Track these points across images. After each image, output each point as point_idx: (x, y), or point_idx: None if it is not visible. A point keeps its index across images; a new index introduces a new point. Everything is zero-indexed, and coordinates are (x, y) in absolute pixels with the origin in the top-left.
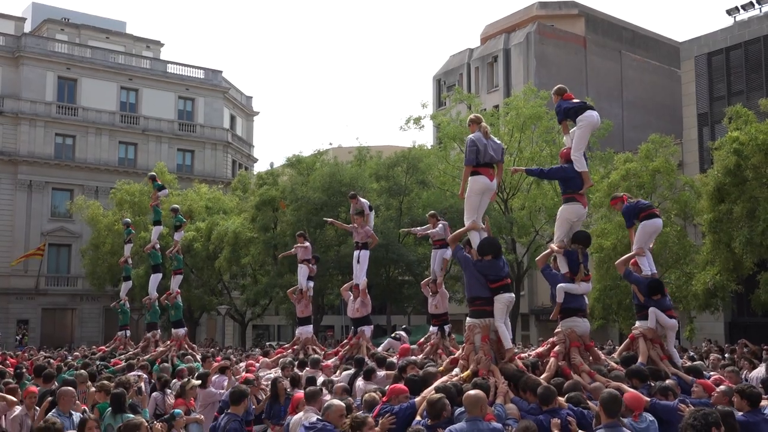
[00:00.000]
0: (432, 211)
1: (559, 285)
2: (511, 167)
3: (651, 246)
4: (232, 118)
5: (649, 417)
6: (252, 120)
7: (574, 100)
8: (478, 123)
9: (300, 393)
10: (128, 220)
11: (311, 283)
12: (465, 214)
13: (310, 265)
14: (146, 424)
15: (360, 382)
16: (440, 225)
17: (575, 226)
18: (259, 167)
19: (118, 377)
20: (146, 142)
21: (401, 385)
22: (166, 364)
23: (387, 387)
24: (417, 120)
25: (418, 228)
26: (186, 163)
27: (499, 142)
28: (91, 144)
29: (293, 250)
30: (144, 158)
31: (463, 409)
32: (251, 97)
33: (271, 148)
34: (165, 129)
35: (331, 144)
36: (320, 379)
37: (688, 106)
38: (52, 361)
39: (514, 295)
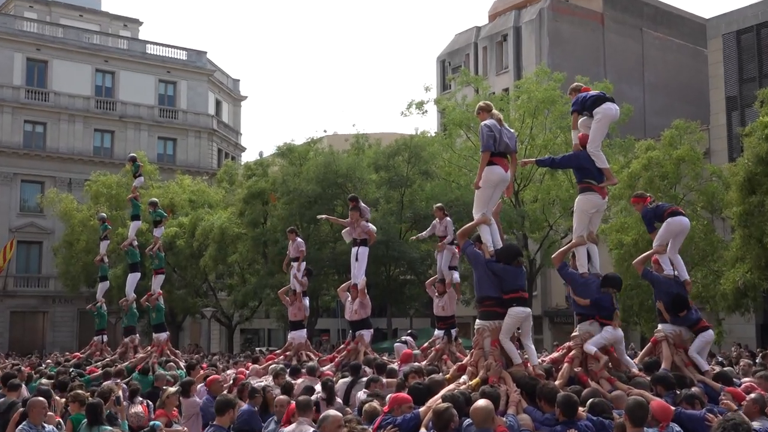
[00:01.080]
0: (439, 204)
1: (589, 347)
2: (520, 160)
3: (678, 248)
4: (218, 104)
5: (676, 428)
6: (239, 105)
7: (591, 92)
8: (488, 111)
9: (292, 403)
10: (104, 214)
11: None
12: (474, 207)
13: (302, 278)
14: None
15: (360, 393)
16: (446, 220)
17: (595, 219)
18: (248, 157)
19: (101, 386)
20: (124, 129)
21: (404, 394)
22: (161, 373)
23: (388, 396)
24: (420, 104)
25: (424, 232)
26: (167, 153)
27: (512, 131)
28: (63, 132)
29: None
30: (121, 147)
31: (471, 420)
32: (238, 80)
33: (261, 136)
34: (144, 115)
35: (325, 131)
36: (317, 387)
37: (715, 89)
38: (22, 368)
39: (530, 310)
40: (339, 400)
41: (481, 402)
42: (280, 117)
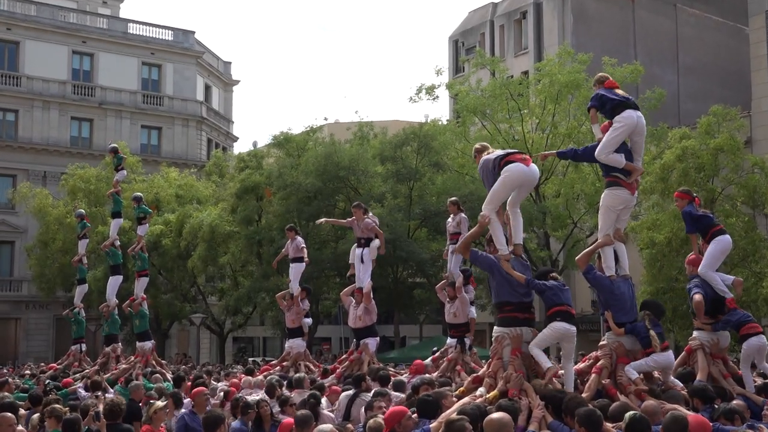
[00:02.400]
0: (453, 198)
1: (630, 371)
2: (539, 153)
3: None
4: (207, 89)
5: None
6: (231, 90)
7: (617, 92)
8: (485, 152)
9: (289, 419)
10: (82, 210)
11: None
12: (485, 205)
13: (301, 303)
14: None
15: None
16: (461, 216)
17: (623, 216)
18: (240, 147)
19: (83, 402)
20: (104, 117)
21: (400, 408)
22: (137, 382)
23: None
24: (430, 89)
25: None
26: (152, 143)
27: None
28: (37, 120)
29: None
30: (101, 137)
31: None
32: (230, 63)
33: (254, 125)
34: (126, 102)
35: (326, 119)
36: (323, 402)
37: (757, 71)
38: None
39: (575, 330)
40: (335, 414)
41: (496, 414)
42: (276, 103)
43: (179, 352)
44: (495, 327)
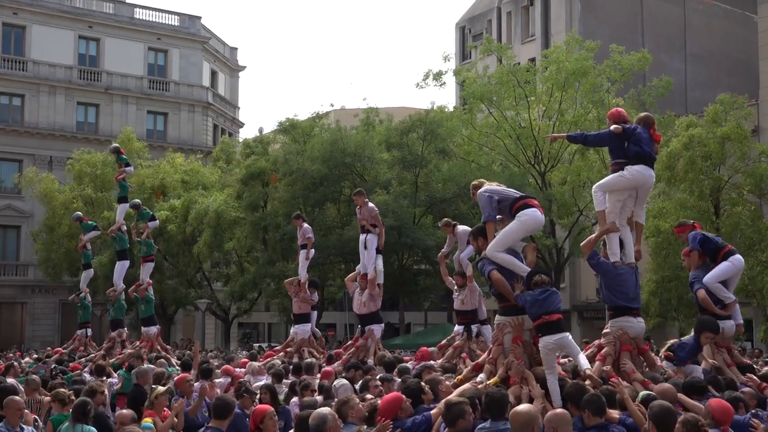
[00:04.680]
0: (445, 219)
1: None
2: (549, 134)
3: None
4: (213, 74)
5: None
6: (237, 76)
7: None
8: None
9: (263, 406)
10: (79, 213)
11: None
12: (491, 246)
13: (309, 295)
14: None
15: (339, 379)
16: (457, 233)
17: (628, 204)
18: (246, 133)
19: (89, 384)
20: (110, 102)
21: (394, 394)
22: (143, 367)
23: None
24: (437, 75)
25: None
26: (158, 129)
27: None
28: (43, 105)
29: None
30: (107, 122)
31: (487, 424)
32: (236, 49)
33: (261, 111)
34: (132, 87)
35: (332, 105)
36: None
37: (766, 60)
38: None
39: (566, 334)
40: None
41: (523, 407)
42: (282, 89)
43: (184, 337)
44: (497, 315)
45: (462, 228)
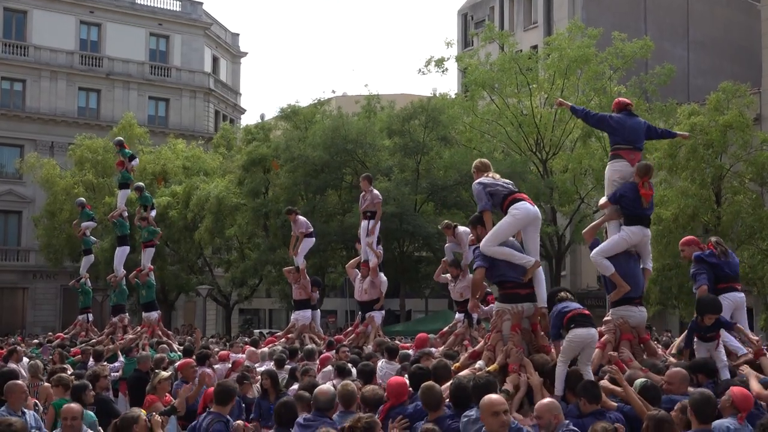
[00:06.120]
0: (444, 222)
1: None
2: (557, 99)
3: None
4: (215, 60)
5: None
6: (239, 62)
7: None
8: (484, 171)
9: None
10: (82, 199)
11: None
12: (485, 241)
13: (309, 291)
14: (144, 416)
15: (382, 363)
16: (458, 234)
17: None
18: (248, 119)
19: (92, 369)
20: (111, 88)
21: (402, 379)
22: (144, 353)
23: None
24: (439, 62)
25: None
26: (159, 114)
27: (510, 182)
28: (44, 90)
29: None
30: (108, 108)
31: (472, 413)
32: (238, 35)
33: (262, 97)
34: (133, 73)
35: (334, 92)
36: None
37: None
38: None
39: (595, 331)
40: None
41: (548, 400)
42: (284, 76)
43: (185, 323)
44: (496, 303)
45: (462, 229)
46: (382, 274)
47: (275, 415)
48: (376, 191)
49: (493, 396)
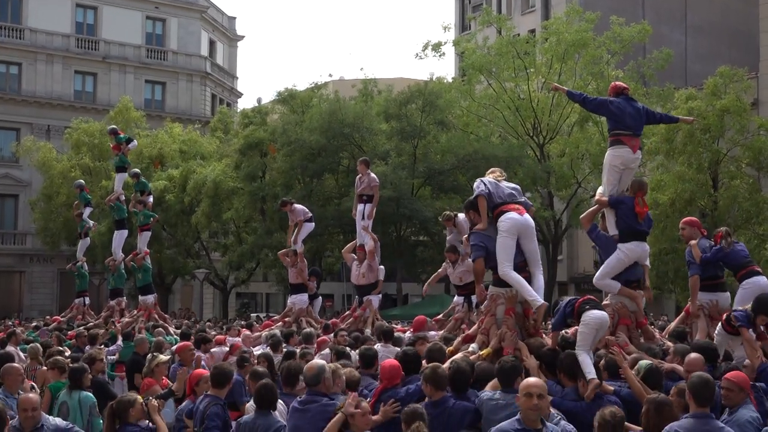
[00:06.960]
0: (445, 213)
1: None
2: (552, 84)
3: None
4: (212, 44)
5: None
6: (235, 46)
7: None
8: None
9: (200, 370)
10: (81, 181)
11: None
12: (499, 265)
13: (306, 276)
14: (141, 400)
15: (378, 346)
16: (458, 223)
17: (626, 176)
18: (244, 103)
19: (89, 352)
20: (107, 71)
21: (395, 362)
22: (141, 336)
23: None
24: (437, 46)
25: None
26: (156, 98)
27: (515, 185)
28: (40, 74)
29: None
30: (105, 91)
31: (496, 395)
32: (234, 18)
33: (259, 81)
34: (130, 56)
35: (331, 76)
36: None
37: (766, 32)
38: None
39: (606, 315)
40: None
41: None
42: (281, 59)
43: (182, 307)
44: (490, 287)
45: (462, 217)
46: (378, 263)
47: (255, 398)
48: (373, 175)
49: (531, 379)
